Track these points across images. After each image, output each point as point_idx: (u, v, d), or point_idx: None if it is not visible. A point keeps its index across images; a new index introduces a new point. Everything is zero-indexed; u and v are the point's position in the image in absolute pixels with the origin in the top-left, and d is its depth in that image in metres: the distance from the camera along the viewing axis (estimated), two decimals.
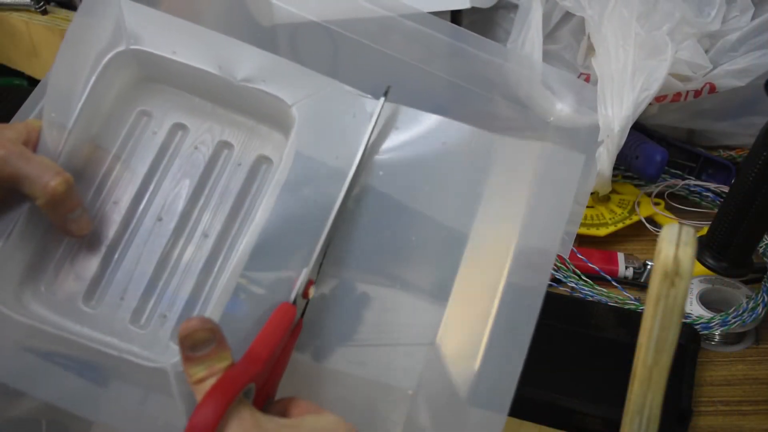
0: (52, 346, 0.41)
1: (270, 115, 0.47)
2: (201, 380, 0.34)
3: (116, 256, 0.45)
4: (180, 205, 0.46)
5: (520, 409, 0.41)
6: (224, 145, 0.48)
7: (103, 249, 0.45)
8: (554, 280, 0.70)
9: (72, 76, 0.45)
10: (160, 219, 0.46)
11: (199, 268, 0.45)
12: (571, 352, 0.61)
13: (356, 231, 0.45)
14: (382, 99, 0.45)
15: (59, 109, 0.45)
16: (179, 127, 0.48)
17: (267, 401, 0.38)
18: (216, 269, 0.45)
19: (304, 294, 0.41)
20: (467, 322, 0.43)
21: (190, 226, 0.46)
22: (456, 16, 0.79)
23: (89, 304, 0.45)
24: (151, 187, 0.47)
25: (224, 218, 0.46)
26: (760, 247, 0.70)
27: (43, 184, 0.41)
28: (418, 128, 0.46)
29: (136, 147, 0.47)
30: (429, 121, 0.46)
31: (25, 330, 0.42)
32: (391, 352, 0.44)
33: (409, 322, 0.44)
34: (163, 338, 0.44)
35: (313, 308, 0.43)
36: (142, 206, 0.46)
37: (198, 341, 0.35)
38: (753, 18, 0.74)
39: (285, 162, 0.44)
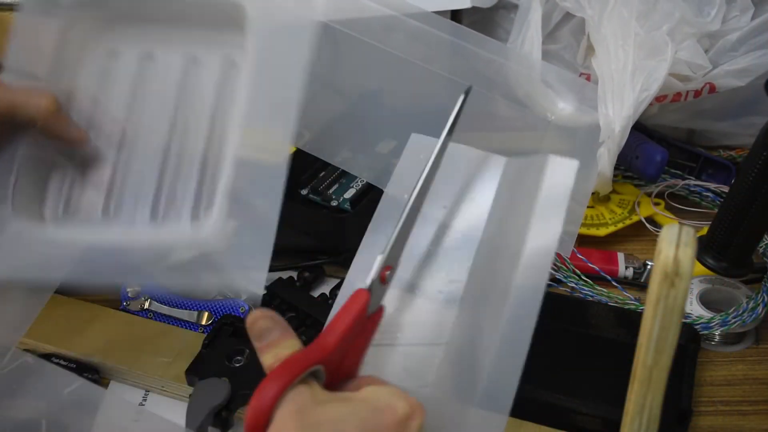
0: (81, 255, 0.46)
1: (227, 20, 0.50)
2: (271, 367, 0.36)
3: (120, 167, 0.50)
4: (166, 116, 0.50)
5: (520, 409, 0.41)
6: (192, 60, 0.51)
7: (109, 165, 0.50)
8: (554, 280, 0.70)
9: (36, 29, 0.49)
10: (152, 131, 0.50)
11: (198, 157, 0.49)
12: (571, 352, 0.61)
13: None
14: (462, 96, 0.45)
15: (28, 59, 0.48)
16: (147, 56, 0.52)
17: (343, 382, 0.39)
18: (213, 155, 0.49)
19: (381, 279, 0.41)
20: (474, 324, 0.43)
21: (180, 129, 0.50)
22: (456, 17, 0.79)
23: (108, 215, 0.49)
24: (137, 112, 0.51)
25: (208, 118, 0.50)
26: (760, 247, 0.70)
27: (36, 106, 0.44)
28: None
29: (114, 83, 0.51)
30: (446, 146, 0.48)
31: (56, 243, 0.47)
32: (394, 352, 0.44)
33: (415, 321, 0.44)
34: (185, 221, 0.49)
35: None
36: (133, 126, 0.50)
37: (262, 330, 0.37)
38: (753, 18, 0.74)
39: (249, 62, 0.48)
